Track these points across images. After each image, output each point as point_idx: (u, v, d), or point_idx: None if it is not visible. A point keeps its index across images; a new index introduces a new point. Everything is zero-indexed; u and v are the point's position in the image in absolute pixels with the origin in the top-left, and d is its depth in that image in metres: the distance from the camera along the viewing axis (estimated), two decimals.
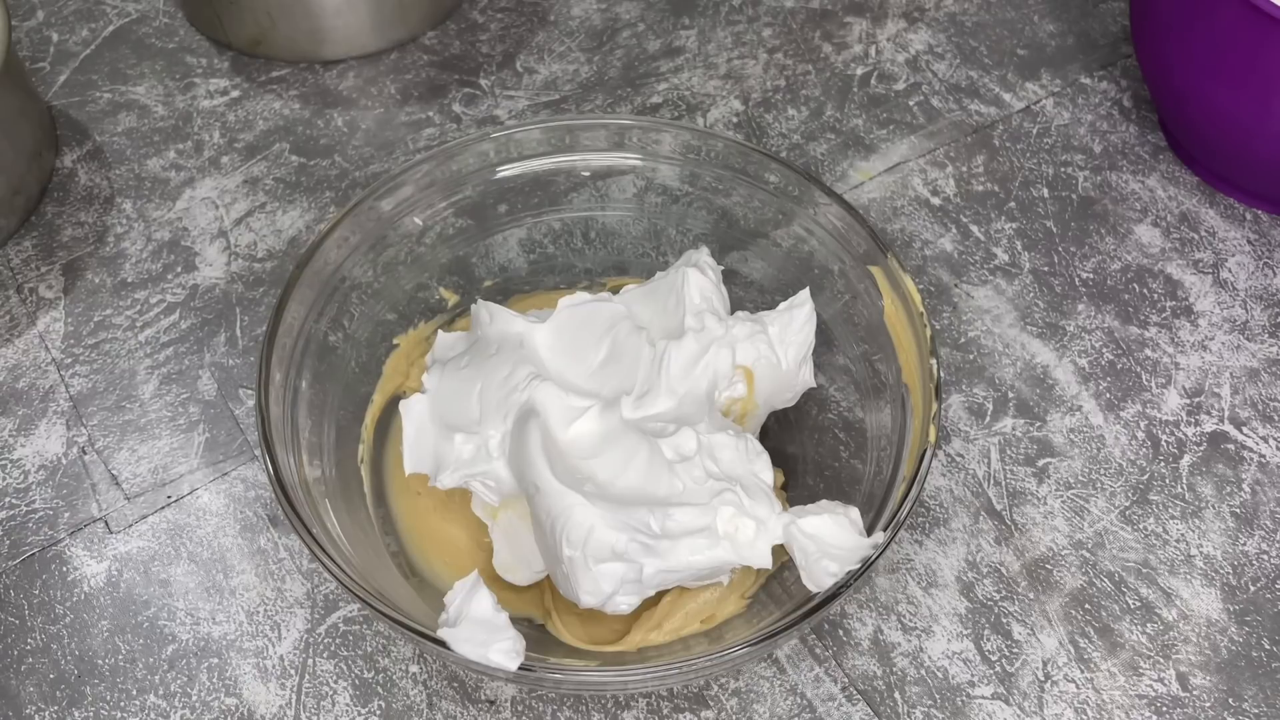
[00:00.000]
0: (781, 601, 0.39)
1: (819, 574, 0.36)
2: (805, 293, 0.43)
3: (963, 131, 0.58)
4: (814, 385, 0.43)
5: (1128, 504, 0.45)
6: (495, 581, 0.41)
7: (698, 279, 0.43)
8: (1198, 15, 0.48)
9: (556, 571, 0.38)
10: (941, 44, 0.61)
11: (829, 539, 0.37)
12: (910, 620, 0.42)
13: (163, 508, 0.45)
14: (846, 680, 0.41)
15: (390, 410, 0.45)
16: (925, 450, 0.37)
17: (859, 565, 0.36)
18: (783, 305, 0.43)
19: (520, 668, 0.34)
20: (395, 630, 0.35)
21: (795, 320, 0.42)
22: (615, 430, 0.40)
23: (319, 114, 0.58)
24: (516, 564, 0.41)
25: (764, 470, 0.39)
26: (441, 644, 0.34)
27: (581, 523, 0.36)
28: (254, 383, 0.47)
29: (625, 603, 0.37)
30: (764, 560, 0.37)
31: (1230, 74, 0.48)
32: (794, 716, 0.40)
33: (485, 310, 0.43)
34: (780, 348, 0.42)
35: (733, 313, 0.43)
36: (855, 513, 0.38)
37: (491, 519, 0.42)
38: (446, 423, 0.41)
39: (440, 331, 0.45)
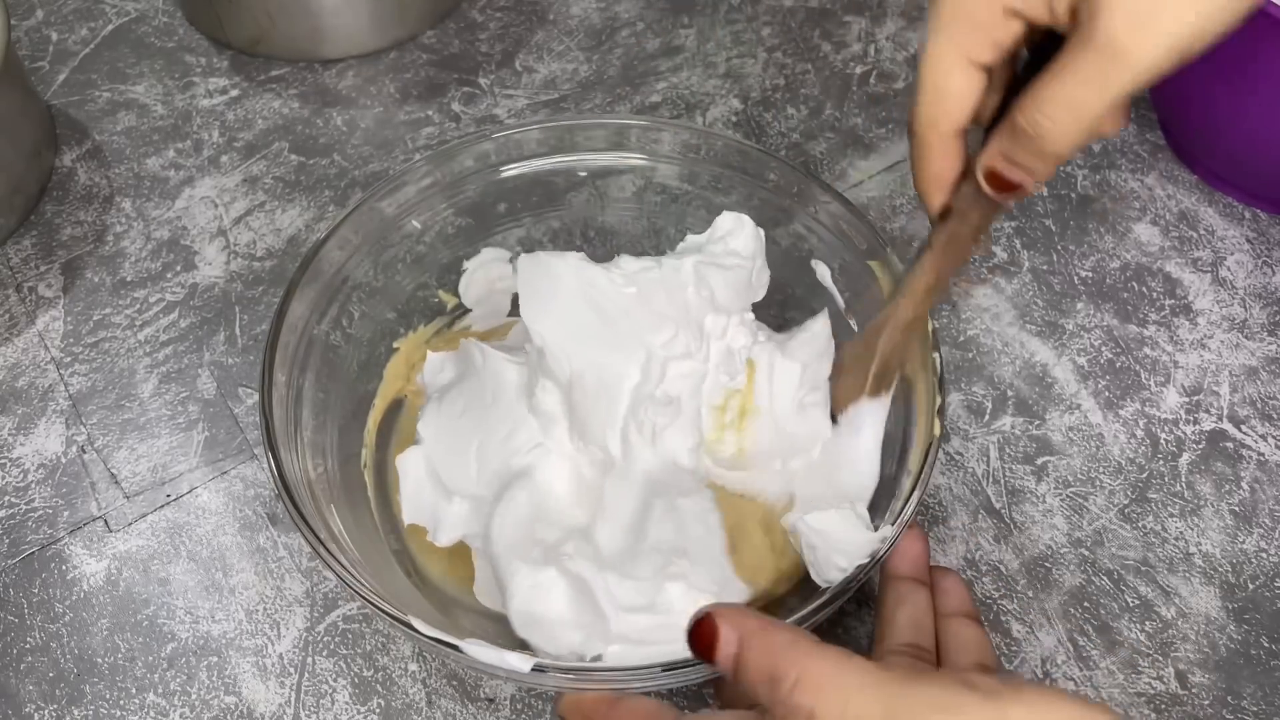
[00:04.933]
0: (781, 600, 0.39)
1: (828, 569, 0.36)
2: (823, 315, 0.42)
3: None
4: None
5: (1126, 502, 0.45)
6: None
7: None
8: None
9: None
10: None
11: (837, 534, 0.37)
12: None
13: (162, 506, 0.45)
14: None
15: (392, 413, 0.45)
16: (930, 445, 0.37)
17: (868, 560, 0.36)
18: (799, 330, 0.43)
19: (532, 669, 0.34)
20: (397, 630, 0.35)
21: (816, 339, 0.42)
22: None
23: (318, 113, 0.58)
24: (497, 591, 0.40)
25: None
26: (455, 648, 0.34)
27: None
28: (253, 382, 0.47)
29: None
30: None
31: (1230, 74, 0.48)
32: None
33: (478, 352, 0.42)
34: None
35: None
36: (862, 508, 0.38)
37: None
38: (444, 482, 0.40)
39: (429, 352, 0.44)
